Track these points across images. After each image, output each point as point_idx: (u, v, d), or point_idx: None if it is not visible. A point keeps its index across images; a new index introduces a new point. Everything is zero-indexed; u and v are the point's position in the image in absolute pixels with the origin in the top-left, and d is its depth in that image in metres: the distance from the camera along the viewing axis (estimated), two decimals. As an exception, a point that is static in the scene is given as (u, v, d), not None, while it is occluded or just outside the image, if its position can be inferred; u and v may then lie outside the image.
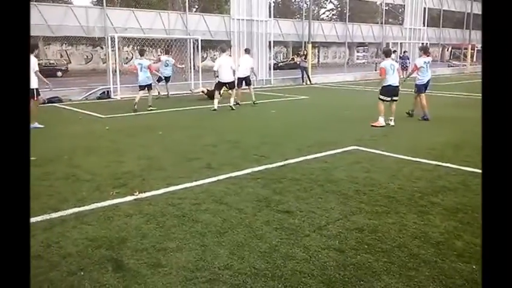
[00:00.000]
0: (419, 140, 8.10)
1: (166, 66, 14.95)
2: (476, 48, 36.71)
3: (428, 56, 10.97)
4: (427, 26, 29.27)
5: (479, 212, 4.38)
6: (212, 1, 38.80)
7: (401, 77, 11.54)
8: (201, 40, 16.98)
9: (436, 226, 4.05)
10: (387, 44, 24.96)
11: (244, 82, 13.17)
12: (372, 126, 9.50)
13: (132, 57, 32.56)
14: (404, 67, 22.20)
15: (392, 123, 9.65)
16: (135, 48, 33.46)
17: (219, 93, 12.29)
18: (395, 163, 6.35)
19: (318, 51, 42.89)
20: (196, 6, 36.69)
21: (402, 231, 3.93)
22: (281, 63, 34.41)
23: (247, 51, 14.19)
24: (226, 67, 12.20)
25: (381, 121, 9.62)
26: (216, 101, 12.06)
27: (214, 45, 37.03)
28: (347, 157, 6.73)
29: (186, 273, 3.22)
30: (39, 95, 9.73)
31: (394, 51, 11.72)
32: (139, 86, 12.22)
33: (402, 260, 3.42)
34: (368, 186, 5.24)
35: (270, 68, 20.47)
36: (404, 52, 26.08)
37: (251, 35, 19.04)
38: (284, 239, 3.79)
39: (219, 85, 12.35)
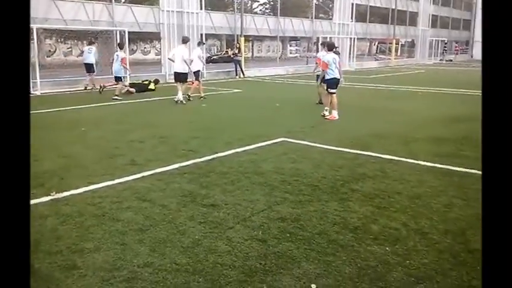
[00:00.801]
0: (345, 130, 8.41)
1: (89, 53, 14.90)
2: (400, 43, 38.80)
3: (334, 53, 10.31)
4: (355, 21, 30.42)
5: (395, 196, 4.63)
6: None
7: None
8: (129, 32, 16.37)
9: (355, 212, 4.22)
10: (317, 38, 25.65)
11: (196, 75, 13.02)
12: (326, 119, 9.63)
13: (56, 50, 30.78)
14: None
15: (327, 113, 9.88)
16: (59, 40, 31.79)
17: (181, 84, 12.26)
18: (320, 153, 6.54)
19: (252, 45, 43.12)
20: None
21: (323, 219, 4.06)
22: (215, 57, 34.15)
23: (199, 44, 14.38)
24: (178, 57, 12.14)
25: (335, 114, 9.65)
26: (179, 93, 12.12)
27: (143, 38, 35.99)
28: (276, 149, 6.82)
29: (103, 273, 3.10)
30: None
31: (337, 47, 11.64)
32: (116, 77, 13.17)
33: (321, 246, 3.52)
34: (293, 176, 5.34)
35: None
36: (336, 48, 26.86)
37: (182, 28, 18.67)
38: (207, 232, 3.77)
39: (174, 76, 12.48)
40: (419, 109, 11.35)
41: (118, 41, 15.13)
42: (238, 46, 21.87)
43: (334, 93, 9.80)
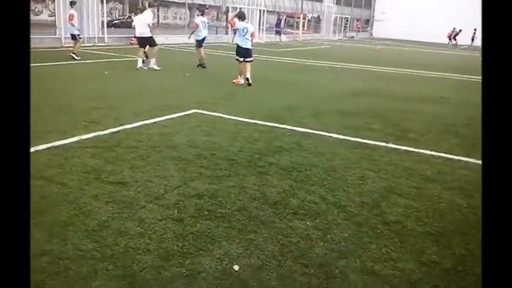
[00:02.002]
0: (257, 102, 8.29)
1: None
2: (307, 18, 39.69)
3: (203, 16, 13.47)
4: (264, -7, 30.33)
5: (311, 169, 4.61)
6: None
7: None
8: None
9: (274, 186, 4.11)
10: (227, 8, 25.12)
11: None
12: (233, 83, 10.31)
13: None
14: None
15: (244, 82, 10.28)
16: None
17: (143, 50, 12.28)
18: (235, 125, 6.34)
19: (158, 11, 41.05)
20: None
21: (242, 194, 3.88)
22: (116, 21, 31.90)
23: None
24: (138, 22, 12.32)
25: (240, 79, 10.39)
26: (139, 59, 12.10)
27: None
28: (188, 121, 6.47)
29: (-13, 267, 2.59)
30: None
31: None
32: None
33: (242, 223, 3.35)
34: (209, 150, 5.08)
35: (102, 25, 18.70)
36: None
37: (80, -13, 16.96)
38: (116, 213, 3.38)
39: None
40: (326, 83, 11.66)
41: None
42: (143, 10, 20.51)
43: (239, 61, 10.30)
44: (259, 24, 28.69)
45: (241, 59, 10.24)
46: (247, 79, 10.24)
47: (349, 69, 15.67)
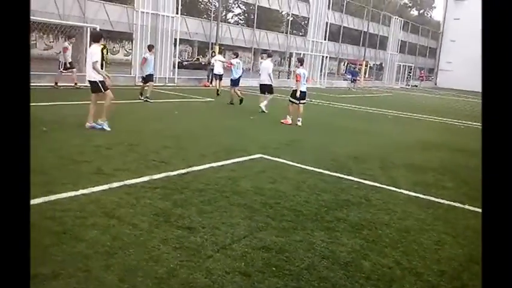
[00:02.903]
0: (321, 150, 8.18)
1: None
2: (369, 65, 39.59)
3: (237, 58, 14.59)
4: (328, 40, 30.75)
5: (383, 229, 4.37)
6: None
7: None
8: (100, 30, 15.62)
9: (343, 244, 3.92)
10: (290, 54, 25.67)
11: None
12: (281, 123, 10.89)
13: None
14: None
15: (299, 123, 10.91)
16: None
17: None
18: (299, 173, 6.25)
19: (224, 55, 42.80)
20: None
21: (310, 251, 3.72)
22: (185, 62, 33.58)
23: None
24: (264, 71, 13.09)
25: (289, 119, 10.97)
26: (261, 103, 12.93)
27: (113, 37, 34.86)
28: (253, 165, 6.47)
29: (61, 308, 2.62)
30: None
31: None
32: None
33: (311, 284, 3.18)
34: (274, 198, 5.00)
35: (174, 66, 19.69)
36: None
37: (156, 30, 18.11)
38: (184, 261, 3.35)
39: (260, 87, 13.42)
40: (393, 132, 11.35)
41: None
42: (213, 54, 21.46)
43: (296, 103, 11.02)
44: (321, 70, 28.95)
45: (297, 102, 10.95)
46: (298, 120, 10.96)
47: (414, 120, 15.22)
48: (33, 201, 4.21)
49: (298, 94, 10.87)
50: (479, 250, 4.05)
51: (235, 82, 14.16)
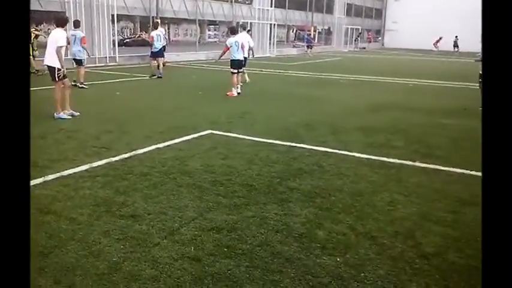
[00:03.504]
0: (273, 120, 8.02)
1: None
2: (317, 30, 39.59)
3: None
4: (275, 7, 30.29)
5: (336, 195, 4.29)
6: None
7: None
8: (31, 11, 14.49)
9: (297, 215, 3.80)
10: (237, 23, 25.11)
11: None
12: (227, 95, 10.73)
13: None
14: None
15: (239, 90, 11.03)
16: None
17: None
18: (252, 146, 6.07)
19: (168, 28, 41.33)
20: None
21: (263, 226, 3.58)
22: (128, 40, 32.08)
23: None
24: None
25: (234, 92, 10.89)
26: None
27: (47, 18, 32.67)
28: (203, 143, 6.22)
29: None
30: None
31: (249, 31, 13.31)
32: (76, 61, 11.57)
33: (265, 261, 3.04)
34: (225, 175, 4.80)
35: (114, 44, 18.69)
36: (248, 30, 26.24)
37: (90, 7, 17.00)
38: (128, 252, 3.11)
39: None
40: (343, 97, 11.36)
41: (73, 19, 13.22)
42: (153, 28, 20.52)
43: (234, 73, 10.96)
44: (270, 38, 28.59)
45: (236, 71, 11.00)
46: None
47: (365, 82, 15.36)
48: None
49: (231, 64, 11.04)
50: (432, 206, 4.07)
51: (156, 53, 14.13)
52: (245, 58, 12.08)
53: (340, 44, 40.56)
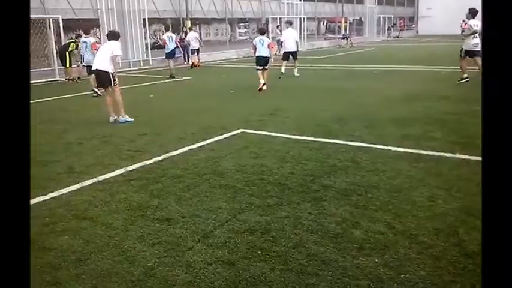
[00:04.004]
0: (305, 116, 7.90)
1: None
2: (348, 21, 38.84)
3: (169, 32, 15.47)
4: (303, 0, 29.93)
5: (372, 192, 4.15)
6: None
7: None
8: (63, 20, 14.92)
9: (332, 215, 3.70)
10: (266, 19, 25.00)
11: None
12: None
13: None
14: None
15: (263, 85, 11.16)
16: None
17: (286, 62, 13.90)
18: (284, 144, 5.99)
19: (199, 29, 41.70)
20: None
21: (297, 226, 3.50)
22: (160, 42, 32.49)
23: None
24: (291, 39, 13.75)
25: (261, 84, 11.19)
26: (283, 67, 13.72)
27: (81, 26, 33.56)
28: (235, 142, 6.19)
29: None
30: None
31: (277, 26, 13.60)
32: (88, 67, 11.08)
33: (300, 263, 2.97)
34: (258, 174, 4.75)
35: (146, 48, 19.02)
36: (277, 26, 25.98)
37: (122, 13, 17.36)
38: (162, 257, 3.11)
39: (285, 55, 13.98)
40: (376, 88, 11.07)
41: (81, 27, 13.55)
42: (185, 30, 20.78)
43: (259, 69, 11.32)
44: (300, 32, 28.28)
45: (261, 68, 11.33)
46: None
47: (398, 71, 14.92)
48: (-2, 213, 3.92)
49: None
50: (475, 201, 3.86)
51: (169, 55, 14.98)
52: (294, 51, 13.74)
53: (372, 34, 39.63)
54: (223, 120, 7.66)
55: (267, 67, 11.39)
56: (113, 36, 8.12)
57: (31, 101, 6.34)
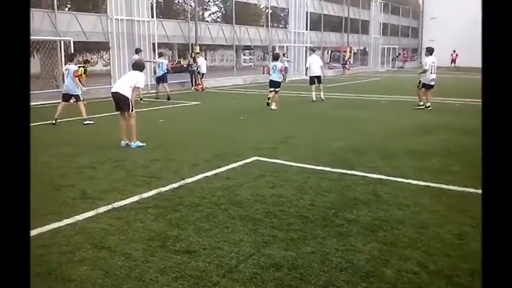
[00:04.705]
0: (318, 144, 7.82)
1: None
2: (353, 51, 39.29)
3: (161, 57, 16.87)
4: (310, 29, 30.35)
5: (399, 227, 4.02)
6: (87, 0, 35.84)
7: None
8: (75, 42, 15.03)
9: (360, 251, 3.56)
10: (273, 47, 25.27)
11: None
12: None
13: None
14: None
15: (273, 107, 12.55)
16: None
17: (314, 85, 15.17)
18: (300, 174, 5.88)
19: (205, 54, 42.24)
20: (69, 6, 33.49)
21: (325, 263, 3.36)
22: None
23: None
24: (316, 64, 15.28)
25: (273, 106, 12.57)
26: (313, 94, 15.04)
27: (90, 48, 33.99)
28: (250, 170, 6.08)
29: None
30: None
31: (284, 54, 13.99)
32: (72, 96, 10.56)
33: (333, 304, 2.82)
34: (277, 205, 4.63)
35: (155, 72, 19.11)
36: (283, 54, 26.30)
37: (132, 36, 17.55)
38: (187, 293, 2.96)
39: (311, 79, 15.27)
40: (385, 118, 11.03)
41: (67, 52, 13.22)
42: (193, 56, 20.95)
43: (271, 91, 12.83)
44: (306, 61, 28.55)
45: (272, 89, 12.82)
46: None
47: (406, 102, 14.93)
48: (12, 239, 3.78)
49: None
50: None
51: (159, 79, 15.87)
52: (319, 76, 15.17)
53: (376, 64, 40.02)
54: (235, 146, 7.57)
55: (278, 89, 12.83)
56: (138, 67, 8.16)
57: (38, 123, 6.22)
